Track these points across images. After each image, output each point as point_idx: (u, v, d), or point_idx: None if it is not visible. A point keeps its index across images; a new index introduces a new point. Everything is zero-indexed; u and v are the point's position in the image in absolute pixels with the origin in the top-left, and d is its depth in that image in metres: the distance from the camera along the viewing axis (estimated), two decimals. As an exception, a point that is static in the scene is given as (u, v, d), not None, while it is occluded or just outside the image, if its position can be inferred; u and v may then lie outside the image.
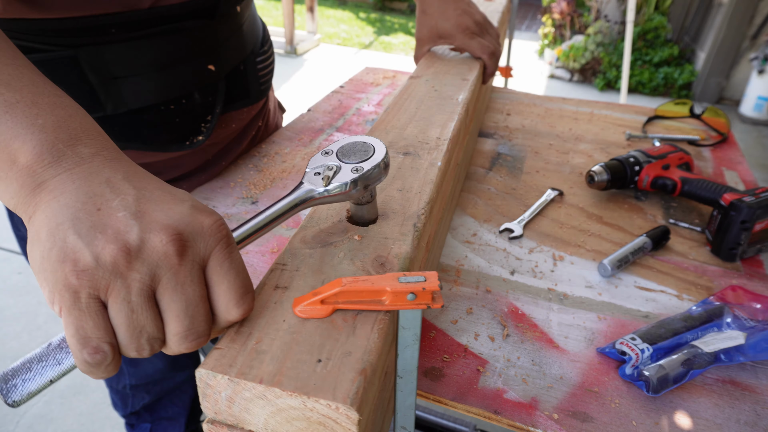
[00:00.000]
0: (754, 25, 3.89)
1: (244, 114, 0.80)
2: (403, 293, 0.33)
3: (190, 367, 1.17)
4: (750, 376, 0.53)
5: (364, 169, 0.40)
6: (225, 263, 0.33)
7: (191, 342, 0.32)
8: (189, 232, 0.32)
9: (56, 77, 0.58)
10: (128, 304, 0.30)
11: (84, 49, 0.59)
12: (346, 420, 0.29)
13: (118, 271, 0.30)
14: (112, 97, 0.62)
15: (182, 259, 0.31)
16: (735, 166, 0.95)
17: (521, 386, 0.50)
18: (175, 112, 0.68)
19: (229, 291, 0.33)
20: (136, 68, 0.63)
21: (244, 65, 0.77)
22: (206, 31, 0.68)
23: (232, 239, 0.34)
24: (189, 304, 0.31)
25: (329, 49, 5.07)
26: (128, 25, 0.60)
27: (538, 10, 6.38)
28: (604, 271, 0.66)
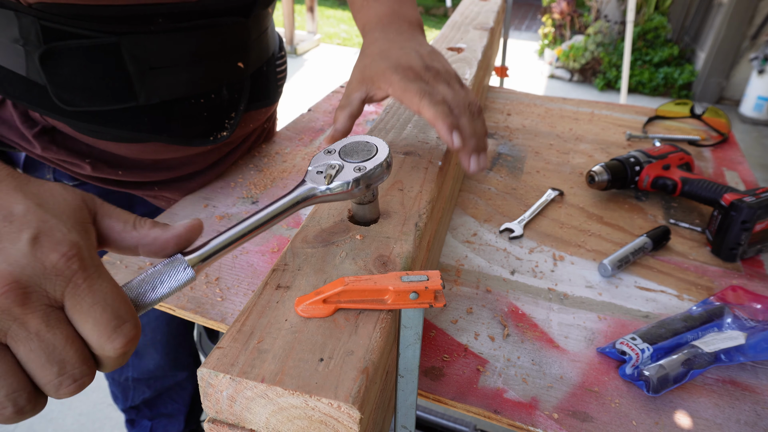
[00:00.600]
0: (754, 25, 3.89)
1: (261, 114, 0.82)
2: (405, 292, 0.33)
3: (191, 366, 1.18)
4: (750, 376, 0.53)
5: (366, 168, 0.40)
6: (85, 299, 0.29)
7: (69, 387, 0.29)
8: (28, 277, 0.28)
9: (95, 65, 0.60)
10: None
11: (127, 36, 0.59)
12: (348, 419, 0.29)
13: None
14: (147, 87, 0.63)
15: (26, 308, 0.28)
16: (735, 166, 0.95)
17: (521, 386, 0.50)
18: (204, 106, 0.70)
19: (96, 327, 0.29)
20: (174, 59, 0.64)
21: (266, 66, 0.80)
22: (240, 29, 0.70)
23: (90, 269, 0.30)
24: (53, 351, 0.28)
25: (329, 49, 5.07)
26: (174, 16, 0.61)
27: (538, 10, 6.38)
28: (604, 271, 0.66)
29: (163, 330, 1.01)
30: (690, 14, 4.57)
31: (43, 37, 0.57)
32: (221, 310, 0.56)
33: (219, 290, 0.58)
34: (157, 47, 0.62)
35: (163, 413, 1.22)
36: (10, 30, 0.57)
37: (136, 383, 1.11)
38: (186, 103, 0.68)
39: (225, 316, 0.55)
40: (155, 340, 1.02)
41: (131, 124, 0.65)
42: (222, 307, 0.56)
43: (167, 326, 1.01)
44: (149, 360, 1.06)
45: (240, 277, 0.60)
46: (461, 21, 1.11)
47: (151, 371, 1.09)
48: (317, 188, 0.39)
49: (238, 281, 0.60)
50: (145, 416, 1.21)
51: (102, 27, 0.58)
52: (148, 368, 1.08)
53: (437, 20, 6.53)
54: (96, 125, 0.63)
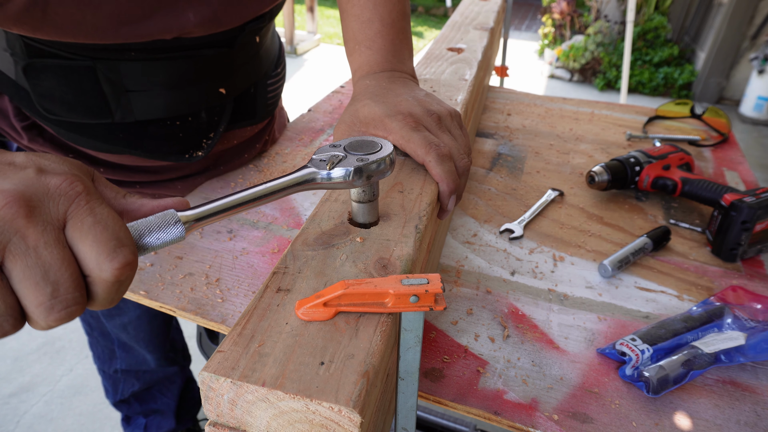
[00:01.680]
0: (754, 25, 3.89)
1: (246, 132, 0.80)
2: (406, 296, 0.33)
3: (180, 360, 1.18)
4: (750, 376, 0.53)
5: (369, 160, 0.40)
6: (87, 219, 0.29)
7: (60, 312, 0.28)
8: (32, 194, 0.29)
9: (71, 82, 0.62)
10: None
11: (101, 61, 0.61)
12: (349, 422, 0.29)
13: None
14: (122, 108, 0.64)
15: (29, 221, 0.28)
16: (736, 166, 0.95)
17: (521, 387, 0.50)
18: (181, 127, 0.69)
19: (96, 245, 0.29)
20: (149, 85, 0.64)
21: (254, 88, 0.78)
22: (223, 59, 0.69)
23: (93, 194, 0.31)
24: (48, 269, 0.28)
25: (329, 49, 5.06)
26: (148, 50, 0.62)
27: (538, 10, 6.38)
28: (604, 271, 0.66)
29: (145, 329, 1.03)
30: (690, 14, 4.56)
31: (26, 52, 0.59)
32: (222, 312, 0.56)
33: (219, 291, 0.58)
34: (131, 73, 0.62)
35: (153, 408, 1.23)
36: (1, 39, 0.60)
37: (125, 375, 1.12)
38: (161, 123, 0.68)
39: (225, 317, 0.55)
40: (138, 338, 1.04)
41: (106, 138, 0.66)
42: (222, 308, 0.56)
43: (149, 325, 1.03)
44: (136, 354, 1.08)
45: (240, 278, 0.61)
46: (461, 21, 1.11)
47: (139, 363, 1.10)
48: (318, 173, 0.39)
49: (238, 282, 0.60)
50: (137, 411, 1.22)
51: (77, 51, 0.60)
52: (136, 360, 1.09)
53: (437, 20, 6.53)
54: (74, 134, 0.66)
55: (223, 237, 0.67)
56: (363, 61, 0.63)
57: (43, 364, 1.68)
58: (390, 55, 0.63)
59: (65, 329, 1.81)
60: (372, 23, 0.63)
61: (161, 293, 0.58)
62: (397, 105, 0.53)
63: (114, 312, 0.97)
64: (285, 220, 0.72)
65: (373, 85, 0.58)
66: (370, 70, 0.62)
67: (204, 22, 0.61)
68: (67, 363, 1.69)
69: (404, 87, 0.58)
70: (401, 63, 0.63)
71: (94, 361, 1.13)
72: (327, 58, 4.78)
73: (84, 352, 1.74)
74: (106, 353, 1.08)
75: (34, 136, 0.67)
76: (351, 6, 0.64)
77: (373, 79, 0.59)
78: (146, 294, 0.57)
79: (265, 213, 0.73)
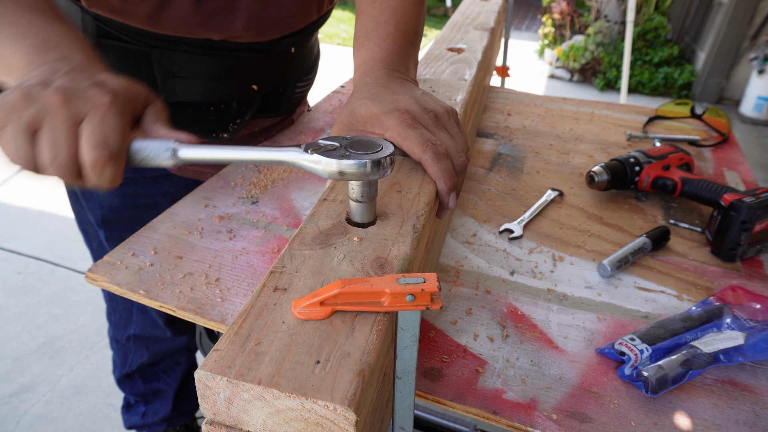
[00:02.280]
0: (754, 25, 3.89)
1: (267, 121, 0.90)
2: (402, 295, 0.33)
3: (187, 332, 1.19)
4: (749, 376, 0.53)
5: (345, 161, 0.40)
6: (94, 118, 0.42)
7: (56, 170, 0.42)
8: (73, 92, 0.42)
9: (130, 63, 0.73)
10: (14, 135, 0.41)
11: (156, 50, 0.73)
12: (344, 421, 0.29)
13: (16, 109, 0.41)
14: (167, 89, 0.76)
15: (62, 107, 0.41)
16: (736, 166, 0.95)
17: (520, 387, 0.50)
18: (213, 112, 0.81)
19: (88, 138, 0.41)
20: (193, 73, 0.76)
21: (283, 88, 0.87)
22: (258, 62, 0.79)
23: (114, 106, 0.43)
24: (57, 140, 0.41)
25: (329, 49, 5.07)
26: (197, 46, 0.73)
27: (538, 10, 6.38)
28: (603, 271, 0.66)
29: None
30: (690, 14, 4.56)
31: (96, 33, 0.71)
32: (221, 311, 0.56)
33: (219, 291, 0.58)
34: (180, 62, 0.74)
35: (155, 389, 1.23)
36: (76, 19, 0.72)
37: (136, 342, 1.14)
38: (197, 107, 0.79)
39: (225, 317, 0.55)
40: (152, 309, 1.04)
41: None
42: (222, 307, 0.56)
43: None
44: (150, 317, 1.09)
45: (240, 278, 0.60)
46: (462, 21, 1.11)
47: (152, 327, 1.11)
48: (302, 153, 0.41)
49: (238, 282, 0.60)
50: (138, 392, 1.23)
51: (139, 38, 0.72)
52: (150, 323, 1.11)
53: (437, 20, 6.53)
54: None
55: (222, 237, 0.67)
56: (368, 57, 0.63)
57: (43, 364, 1.68)
58: (396, 57, 0.63)
59: (65, 329, 1.81)
60: (387, 25, 0.65)
61: (161, 293, 0.58)
62: (394, 103, 0.53)
63: None
64: (284, 219, 0.72)
65: (371, 83, 0.58)
66: (373, 66, 0.62)
67: (248, 31, 0.73)
68: (67, 363, 1.69)
69: (402, 86, 0.58)
70: (404, 67, 0.64)
71: (109, 332, 1.16)
72: (327, 58, 4.78)
73: (84, 352, 1.74)
74: (123, 317, 1.10)
75: None
76: (371, 8, 0.67)
77: (372, 77, 0.60)
78: (146, 293, 0.57)
79: (264, 213, 0.73)
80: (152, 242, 0.65)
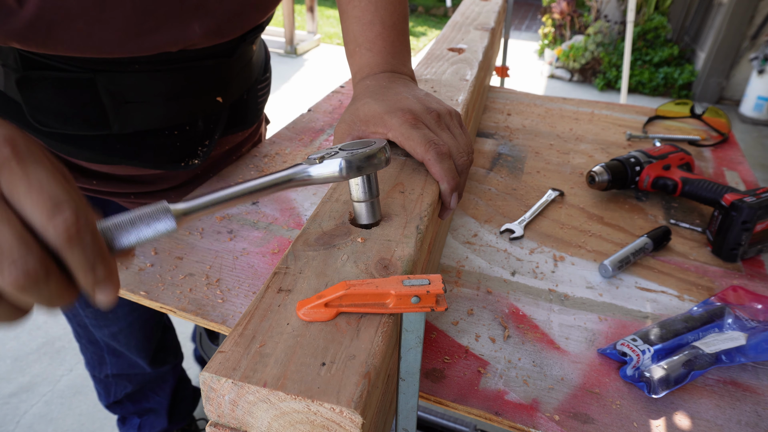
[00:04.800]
0: (754, 25, 3.89)
1: (237, 137, 0.82)
2: (407, 296, 0.33)
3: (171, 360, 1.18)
4: (751, 376, 0.53)
5: (358, 152, 0.40)
6: (21, 182, 0.28)
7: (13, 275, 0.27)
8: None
9: (70, 95, 0.61)
10: None
11: (102, 73, 0.60)
12: (350, 424, 0.29)
13: None
14: (121, 119, 0.64)
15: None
16: (736, 166, 0.95)
17: (522, 387, 0.50)
18: (178, 136, 0.70)
19: (35, 209, 0.28)
20: (149, 96, 0.64)
21: (247, 94, 0.79)
22: (221, 68, 0.70)
23: (25, 156, 0.29)
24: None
25: (329, 49, 5.06)
26: (152, 63, 0.62)
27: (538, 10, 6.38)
28: (604, 271, 0.66)
29: (136, 336, 1.01)
30: (690, 14, 4.57)
31: (21, 64, 0.58)
32: (222, 312, 0.56)
33: (220, 292, 0.58)
34: (133, 84, 0.62)
35: (146, 408, 1.23)
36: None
37: (116, 379, 1.12)
38: (159, 133, 0.68)
39: (226, 318, 0.55)
40: (130, 345, 1.02)
41: (103, 150, 0.66)
42: (223, 308, 0.56)
43: (140, 332, 1.02)
44: (127, 358, 1.07)
45: (241, 279, 0.60)
46: (462, 21, 1.11)
47: (130, 367, 1.10)
48: (308, 168, 0.40)
49: (238, 283, 0.60)
50: (131, 411, 1.22)
51: (78, 64, 0.59)
52: (128, 364, 1.09)
53: (437, 20, 6.53)
54: (68, 146, 0.65)
55: (223, 237, 0.67)
56: (363, 63, 0.63)
57: (43, 364, 1.68)
58: (390, 57, 0.63)
59: (66, 329, 1.81)
60: (373, 25, 0.63)
61: (161, 294, 0.58)
62: (396, 103, 0.53)
63: (102, 322, 0.95)
64: (285, 220, 0.72)
65: (373, 85, 0.58)
66: (370, 72, 0.62)
67: (208, 34, 0.62)
68: (67, 363, 1.69)
69: (404, 86, 0.58)
70: (401, 65, 0.63)
71: (85, 365, 1.13)
72: (327, 58, 4.78)
73: (84, 352, 1.74)
74: (96, 359, 1.07)
75: None
76: (352, 8, 0.64)
77: (373, 80, 0.60)
78: (146, 294, 0.57)
79: (265, 213, 0.73)
80: (152, 242, 0.65)
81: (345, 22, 0.66)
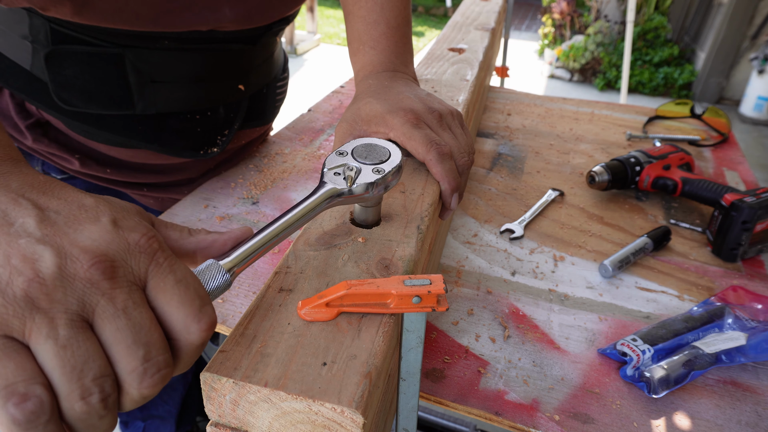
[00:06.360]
0: (754, 25, 3.89)
1: (255, 132, 0.83)
2: (408, 296, 0.33)
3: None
4: (751, 376, 0.53)
5: (385, 171, 0.40)
6: (169, 277, 0.28)
7: (153, 378, 0.26)
8: (114, 252, 0.27)
9: (97, 71, 0.61)
10: (56, 341, 0.24)
11: (131, 49, 0.60)
12: (351, 423, 0.29)
13: (33, 305, 0.25)
14: (145, 98, 0.64)
15: (114, 282, 0.26)
16: (736, 166, 0.95)
17: (522, 387, 0.50)
18: (199, 122, 0.70)
19: (182, 306, 0.28)
20: (175, 76, 0.65)
21: (266, 89, 0.81)
22: (245, 55, 0.71)
23: (167, 250, 0.30)
24: (140, 330, 0.26)
25: (329, 49, 5.06)
26: (182, 40, 0.62)
27: (538, 10, 6.39)
28: (605, 271, 0.66)
29: None
30: (690, 14, 4.57)
31: (51, 39, 0.58)
32: (222, 312, 0.56)
33: (220, 292, 0.58)
34: (160, 62, 0.63)
35: (155, 415, 1.22)
36: (20, 27, 0.59)
37: None
38: (181, 117, 0.68)
39: (226, 318, 0.55)
40: None
41: (124, 131, 0.66)
42: (223, 308, 0.56)
43: None
44: None
45: (240, 279, 0.60)
46: (462, 21, 1.11)
47: None
48: (340, 190, 0.38)
49: (238, 283, 0.60)
50: (137, 417, 1.21)
51: (108, 38, 0.59)
52: None
53: (437, 20, 6.53)
54: (89, 126, 0.65)
55: (223, 237, 0.67)
56: (366, 61, 0.63)
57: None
58: (393, 56, 0.63)
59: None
60: (378, 25, 0.63)
61: (162, 293, 0.58)
62: (398, 102, 0.53)
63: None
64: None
65: (375, 84, 0.58)
66: (373, 70, 0.62)
67: (238, 18, 0.63)
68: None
69: (406, 86, 0.58)
70: (404, 65, 0.64)
71: None
72: (327, 58, 4.78)
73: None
74: None
75: (39, 136, 0.66)
76: (358, 8, 0.65)
77: (375, 79, 0.60)
78: (147, 294, 0.57)
79: (265, 213, 0.73)
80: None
81: (350, 21, 0.66)
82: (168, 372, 0.27)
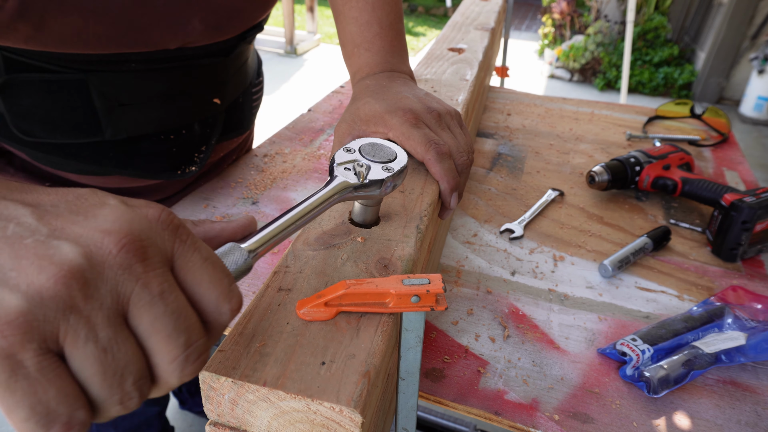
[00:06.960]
0: (754, 25, 3.89)
1: (232, 143, 0.80)
2: (407, 296, 0.33)
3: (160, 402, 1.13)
4: (751, 376, 0.53)
5: (394, 169, 0.40)
6: (195, 256, 0.26)
7: (195, 363, 0.25)
8: (139, 230, 0.24)
9: (59, 99, 0.57)
10: (96, 344, 0.22)
11: (95, 74, 0.57)
12: (350, 423, 0.29)
13: (65, 305, 0.21)
14: (114, 123, 0.60)
15: (147, 264, 0.24)
16: (736, 166, 0.95)
17: (522, 387, 0.50)
18: (174, 141, 0.67)
19: (213, 286, 0.26)
20: (145, 97, 0.61)
21: (242, 97, 0.77)
22: (218, 67, 0.68)
23: (187, 227, 0.27)
24: (179, 316, 0.24)
25: (329, 49, 5.06)
26: (149, 61, 0.59)
27: (538, 10, 6.39)
28: (604, 271, 0.66)
29: None
30: (690, 14, 4.56)
31: (4, 68, 0.54)
32: (222, 312, 0.56)
33: (220, 292, 0.58)
34: (127, 85, 0.59)
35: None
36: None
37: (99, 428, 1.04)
38: (154, 138, 0.65)
39: (226, 317, 0.55)
40: None
41: (94, 158, 0.62)
42: (223, 308, 0.56)
43: None
44: None
45: (241, 279, 0.60)
46: (462, 21, 1.11)
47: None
48: (352, 183, 0.38)
49: (238, 282, 0.60)
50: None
51: (69, 64, 0.55)
52: None
53: (437, 20, 6.53)
54: (55, 157, 0.61)
55: (223, 237, 0.67)
56: (362, 63, 0.63)
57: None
58: (389, 56, 0.63)
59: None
60: (371, 26, 0.62)
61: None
62: (397, 102, 0.52)
63: None
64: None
65: (373, 85, 0.58)
66: (369, 71, 0.62)
67: (208, 30, 0.60)
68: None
69: (404, 86, 0.58)
70: (400, 63, 0.63)
71: None
72: (327, 58, 4.78)
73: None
74: None
75: (3, 165, 0.62)
76: (348, 9, 0.63)
77: (372, 79, 0.59)
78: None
79: (264, 213, 0.73)
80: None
81: (341, 23, 0.65)
82: (206, 357, 0.26)
